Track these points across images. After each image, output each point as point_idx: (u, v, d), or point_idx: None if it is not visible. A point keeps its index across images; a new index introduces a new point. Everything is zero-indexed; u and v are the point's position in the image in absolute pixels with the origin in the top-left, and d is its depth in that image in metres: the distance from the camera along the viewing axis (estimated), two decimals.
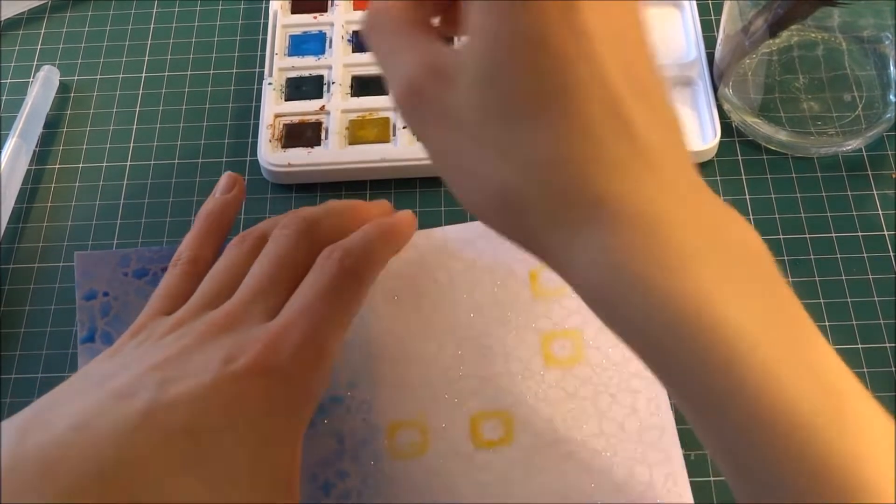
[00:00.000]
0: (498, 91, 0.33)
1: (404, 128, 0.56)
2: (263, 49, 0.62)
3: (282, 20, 0.62)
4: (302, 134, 0.57)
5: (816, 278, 0.51)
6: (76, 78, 0.62)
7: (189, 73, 0.62)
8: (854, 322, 0.50)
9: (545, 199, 0.33)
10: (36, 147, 0.59)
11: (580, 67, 0.32)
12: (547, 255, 0.35)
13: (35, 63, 0.63)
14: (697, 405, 0.32)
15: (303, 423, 0.40)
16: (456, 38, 0.40)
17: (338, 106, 0.58)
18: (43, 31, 0.64)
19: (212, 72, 0.62)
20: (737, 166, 0.55)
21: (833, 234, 0.53)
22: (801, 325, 0.32)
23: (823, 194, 0.54)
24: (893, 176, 0.55)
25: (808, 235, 0.53)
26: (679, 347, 0.31)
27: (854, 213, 0.53)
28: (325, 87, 0.59)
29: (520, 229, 0.35)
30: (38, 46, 0.64)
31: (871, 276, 0.51)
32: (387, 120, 0.57)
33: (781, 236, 0.53)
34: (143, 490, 0.35)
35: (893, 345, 0.49)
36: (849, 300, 0.51)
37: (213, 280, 0.44)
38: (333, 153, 0.56)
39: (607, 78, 0.32)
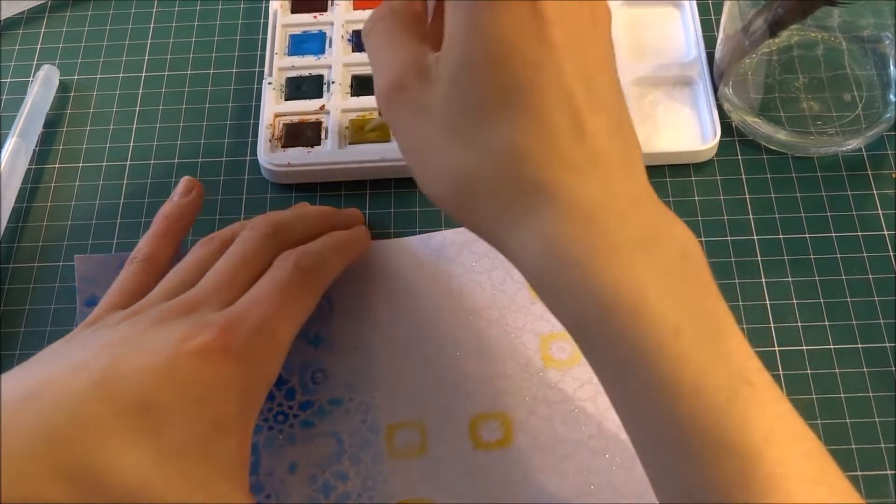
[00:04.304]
0: (468, 87, 0.37)
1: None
2: (263, 48, 0.62)
3: (282, 20, 0.62)
4: (302, 133, 0.57)
5: (816, 278, 0.51)
6: (76, 77, 0.62)
7: (189, 72, 0.62)
8: (854, 322, 0.50)
9: (498, 187, 0.37)
10: (36, 146, 0.59)
11: (544, 72, 0.36)
12: (496, 239, 0.39)
13: (35, 62, 0.63)
14: (617, 376, 0.36)
15: (254, 409, 0.41)
16: None
17: (338, 105, 0.58)
18: (43, 30, 0.64)
19: (212, 71, 0.62)
20: (737, 166, 0.55)
21: (833, 234, 0.53)
22: (721, 319, 0.36)
23: (823, 194, 0.54)
24: (893, 176, 0.55)
25: (808, 235, 0.53)
26: (608, 328, 0.35)
27: (854, 213, 0.53)
28: (324, 87, 0.59)
29: (474, 214, 0.39)
30: (38, 46, 0.64)
31: (871, 276, 0.51)
32: None
33: (781, 236, 0.53)
34: (94, 456, 0.35)
35: (893, 345, 0.49)
36: (849, 300, 0.51)
37: (175, 274, 0.45)
38: (333, 153, 0.56)
39: (567, 85, 0.36)
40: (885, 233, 0.53)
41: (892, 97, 0.56)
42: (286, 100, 0.59)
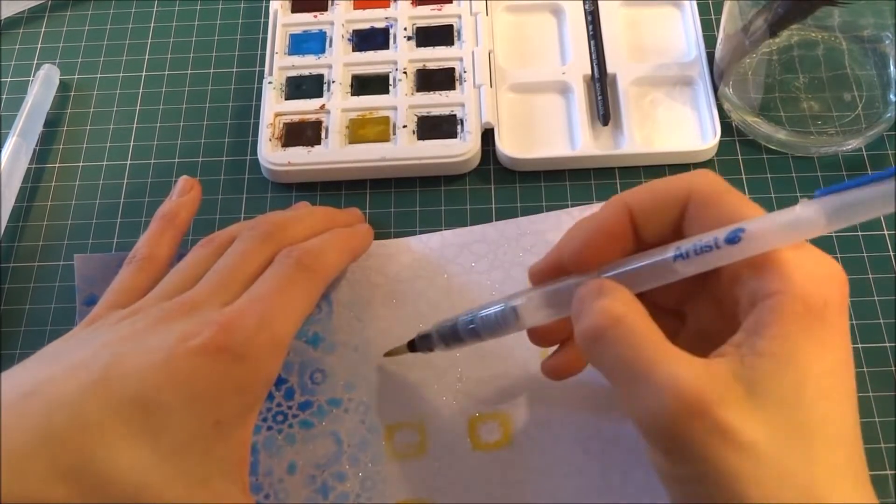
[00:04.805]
0: (793, 417, 0.34)
1: (404, 127, 0.56)
2: (264, 48, 0.62)
3: (282, 19, 0.62)
4: (302, 133, 0.57)
5: None
6: (76, 77, 0.62)
7: (189, 71, 0.62)
8: (854, 322, 0.50)
9: None
10: (36, 146, 0.59)
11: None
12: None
13: (35, 62, 0.63)
14: None
15: (254, 408, 0.41)
16: None
17: (338, 105, 0.58)
18: (43, 29, 0.64)
19: (212, 71, 0.62)
20: (737, 166, 0.55)
21: (833, 234, 0.53)
22: None
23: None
24: None
25: None
26: None
27: None
28: (325, 86, 0.59)
29: None
30: (39, 45, 0.64)
31: (871, 276, 0.51)
32: (387, 119, 0.57)
33: None
34: (94, 454, 0.35)
35: (893, 345, 0.49)
36: (849, 300, 0.50)
37: (175, 274, 0.45)
38: (333, 152, 0.56)
39: None
40: (885, 233, 0.53)
41: (892, 97, 0.56)
42: (286, 99, 0.59)
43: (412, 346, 0.46)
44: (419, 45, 0.60)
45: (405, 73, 0.59)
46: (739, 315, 0.37)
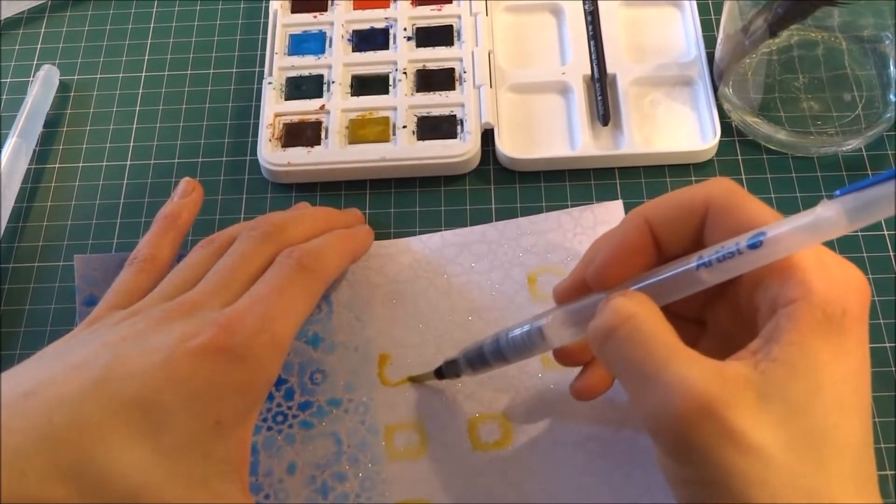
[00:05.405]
0: (803, 424, 0.34)
1: (404, 127, 0.56)
2: (263, 48, 0.62)
3: (282, 19, 0.62)
4: (302, 133, 0.57)
5: None
6: (76, 77, 0.62)
7: (189, 72, 0.62)
8: None
9: None
10: (36, 146, 0.59)
11: None
12: None
13: (35, 62, 0.63)
14: None
15: (254, 409, 0.41)
16: None
17: (338, 105, 0.58)
18: (43, 30, 0.64)
19: (212, 71, 0.62)
20: (737, 166, 0.55)
21: None
22: None
23: (823, 194, 0.54)
24: None
25: None
26: None
27: None
28: (324, 87, 0.59)
29: None
30: (38, 45, 0.64)
31: (871, 276, 0.51)
32: (386, 119, 0.57)
33: None
34: (94, 454, 0.36)
35: (893, 345, 0.49)
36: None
37: (176, 275, 0.45)
38: (333, 152, 0.56)
39: None
40: (885, 233, 0.53)
41: (892, 97, 0.56)
42: (286, 99, 0.59)
43: (439, 373, 0.47)
44: (419, 45, 0.60)
45: (405, 73, 0.59)
46: (759, 322, 0.37)
